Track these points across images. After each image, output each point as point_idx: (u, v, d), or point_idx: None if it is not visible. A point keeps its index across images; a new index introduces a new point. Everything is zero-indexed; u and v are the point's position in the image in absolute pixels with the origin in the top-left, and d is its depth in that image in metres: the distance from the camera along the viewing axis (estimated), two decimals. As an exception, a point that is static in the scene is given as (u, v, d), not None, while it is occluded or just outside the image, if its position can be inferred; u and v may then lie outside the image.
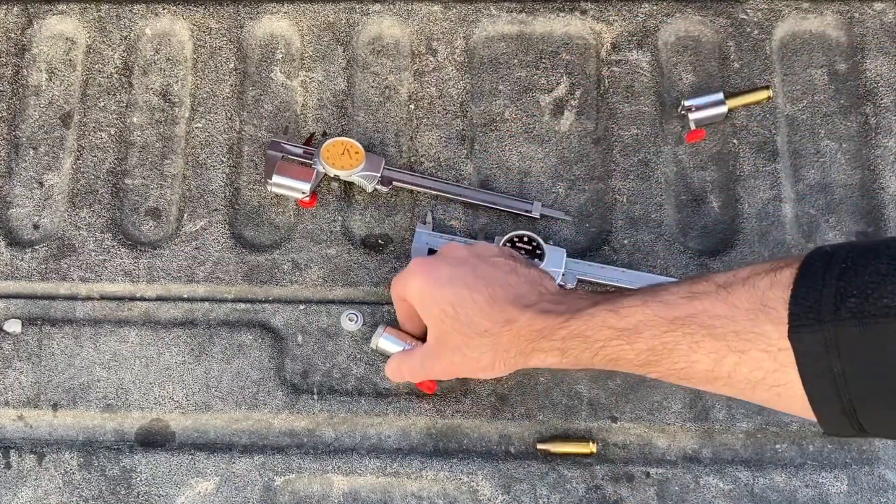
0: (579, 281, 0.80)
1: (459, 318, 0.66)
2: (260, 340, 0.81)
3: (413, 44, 0.91)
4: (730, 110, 0.86)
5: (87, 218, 0.86)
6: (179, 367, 0.81)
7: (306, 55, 0.91)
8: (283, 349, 0.81)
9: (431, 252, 0.82)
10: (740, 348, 0.54)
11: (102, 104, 0.89)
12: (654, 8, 0.91)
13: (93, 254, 0.84)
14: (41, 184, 0.87)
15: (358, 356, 0.81)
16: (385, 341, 0.78)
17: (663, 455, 0.78)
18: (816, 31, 0.90)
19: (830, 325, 0.50)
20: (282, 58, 0.91)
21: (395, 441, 0.79)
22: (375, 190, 0.84)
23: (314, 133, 0.88)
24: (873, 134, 0.86)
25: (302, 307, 0.82)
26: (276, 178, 0.83)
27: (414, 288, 0.70)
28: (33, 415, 0.81)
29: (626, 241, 0.84)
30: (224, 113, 0.89)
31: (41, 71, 0.91)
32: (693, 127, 0.86)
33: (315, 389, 0.80)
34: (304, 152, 0.85)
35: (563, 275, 0.79)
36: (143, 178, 0.87)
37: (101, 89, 0.90)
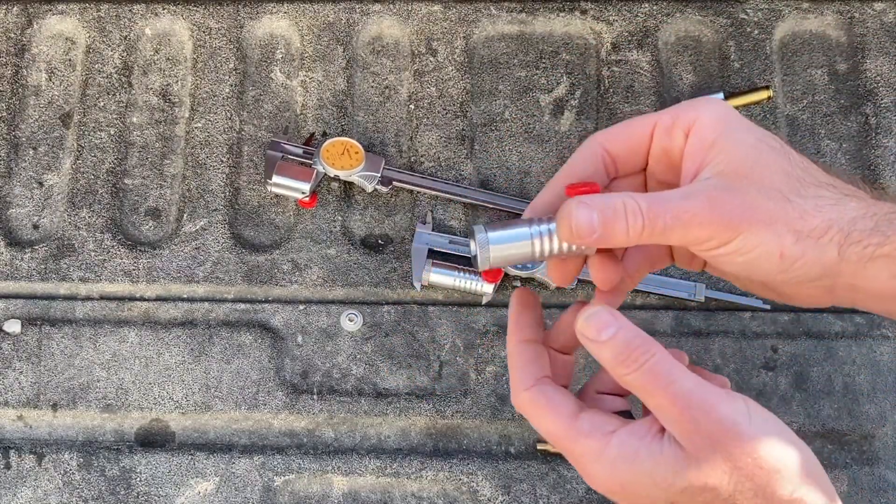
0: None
1: (790, 158, 0.45)
2: (260, 340, 0.81)
3: (413, 44, 0.91)
4: (730, 110, 0.86)
5: (86, 218, 0.86)
6: (179, 367, 0.81)
7: (306, 55, 0.91)
8: (282, 349, 0.81)
9: (432, 252, 0.82)
10: None
11: (102, 104, 0.89)
12: (654, 8, 0.91)
13: (92, 254, 0.84)
14: (41, 184, 0.87)
15: (358, 356, 0.81)
16: (498, 244, 0.47)
17: (663, 455, 0.78)
18: (817, 31, 0.90)
19: None
20: (282, 58, 0.91)
21: (395, 441, 0.79)
22: (375, 190, 0.84)
23: (314, 133, 0.88)
24: (873, 134, 0.86)
25: (302, 307, 0.82)
26: (276, 178, 0.83)
27: (714, 108, 0.46)
28: (33, 415, 0.81)
29: (626, 241, 0.83)
30: (224, 113, 0.89)
31: (41, 71, 0.91)
32: (693, 127, 0.86)
33: (315, 389, 0.80)
34: (304, 152, 0.85)
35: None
36: (143, 178, 0.87)
37: (101, 89, 0.90)
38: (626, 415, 0.51)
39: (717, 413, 0.42)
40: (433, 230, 0.83)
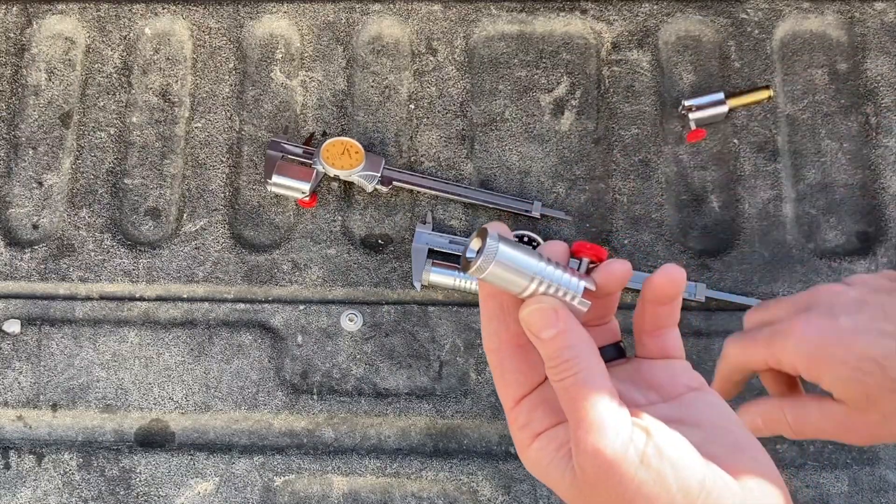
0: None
1: (889, 374, 0.51)
2: (260, 340, 0.81)
3: (413, 44, 0.91)
4: (730, 110, 0.86)
5: (86, 218, 0.85)
6: (179, 367, 0.81)
7: (306, 55, 0.90)
8: (282, 349, 0.81)
9: (432, 252, 0.82)
10: None
11: (102, 104, 0.89)
12: (655, 7, 0.91)
13: (92, 254, 0.84)
14: (40, 184, 0.87)
15: (358, 356, 0.81)
16: (503, 263, 0.43)
17: (664, 455, 0.78)
18: (817, 31, 0.90)
19: None
20: (282, 57, 0.91)
21: (394, 441, 0.79)
22: (375, 190, 0.84)
23: (314, 133, 0.88)
24: (874, 134, 0.86)
25: (302, 307, 0.82)
26: (276, 178, 0.83)
27: (800, 347, 0.54)
28: (33, 415, 0.80)
29: (626, 241, 0.83)
30: (224, 113, 0.89)
31: (41, 71, 0.91)
32: (693, 127, 0.86)
33: (315, 389, 0.80)
34: (304, 152, 0.85)
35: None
36: (143, 178, 0.87)
37: (101, 89, 0.90)
38: (616, 349, 0.50)
39: (605, 454, 0.41)
40: (433, 230, 0.83)
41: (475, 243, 0.44)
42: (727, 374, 0.59)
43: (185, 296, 0.84)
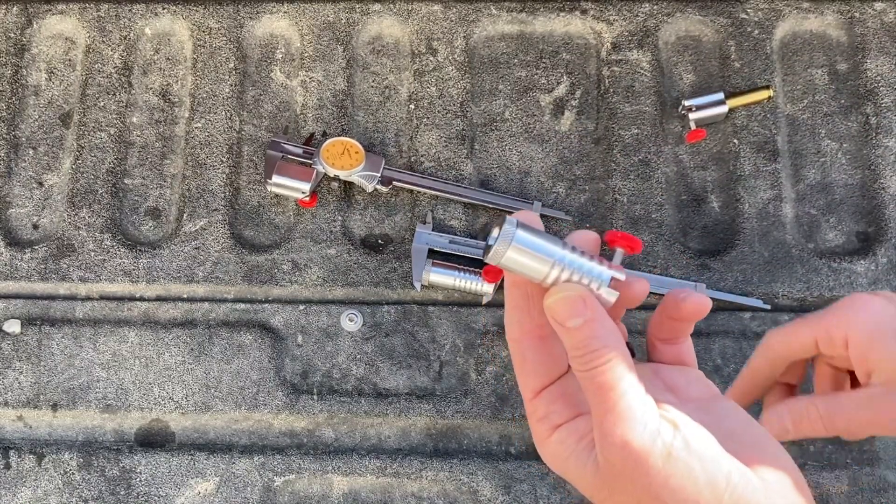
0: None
1: None
2: (260, 340, 0.81)
3: (413, 44, 0.91)
4: (730, 110, 0.86)
5: (86, 218, 0.86)
6: (179, 367, 0.81)
7: (306, 55, 0.90)
8: (282, 349, 0.81)
9: (432, 252, 0.82)
10: None
11: (102, 104, 0.89)
12: (655, 8, 0.91)
13: (92, 254, 0.84)
14: (41, 184, 0.87)
15: (358, 356, 0.81)
16: (520, 246, 0.42)
17: (664, 455, 0.78)
18: (817, 31, 0.90)
19: None
20: (282, 58, 0.91)
21: (395, 441, 0.79)
22: (375, 190, 0.84)
23: (314, 133, 0.88)
24: (874, 134, 0.86)
25: (302, 307, 0.82)
26: (276, 178, 0.83)
27: (859, 315, 0.54)
28: (33, 415, 0.81)
29: (626, 241, 0.83)
30: (224, 113, 0.89)
31: (41, 71, 0.91)
32: (693, 127, 0.86)
33: (315, 389, 0.80)
34: (304, 152, 0.85)
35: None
36: (143, 178, 0.87)
37: (101, 89, 0.90)
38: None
39: (632, 445, 0.41)
40: (433, 230, 0.83)
41: (496, 231, 0.43)
42: (760, 369, 0.58)
43: (185, 296, 0.84)
